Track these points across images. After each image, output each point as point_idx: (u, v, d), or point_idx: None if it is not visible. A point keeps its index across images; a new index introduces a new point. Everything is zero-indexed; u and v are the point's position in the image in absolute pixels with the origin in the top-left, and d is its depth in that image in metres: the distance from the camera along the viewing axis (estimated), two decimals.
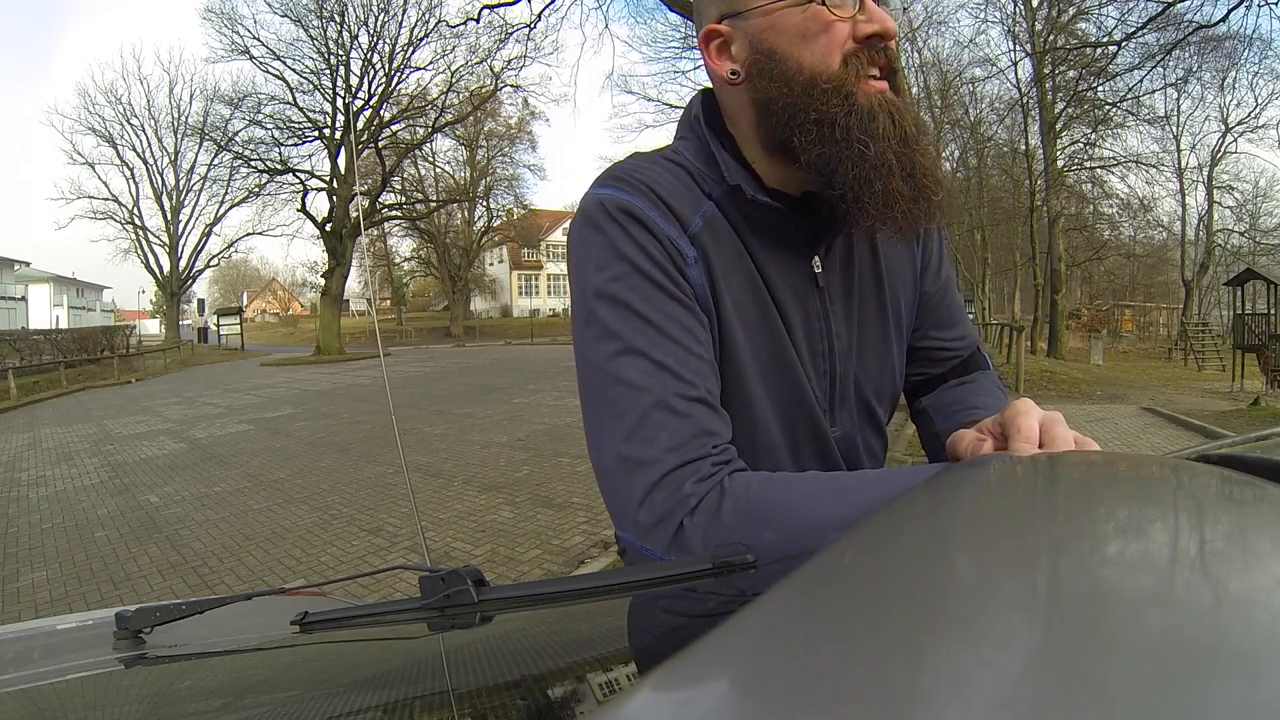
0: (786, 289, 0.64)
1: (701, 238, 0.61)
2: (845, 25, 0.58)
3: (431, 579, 0.66)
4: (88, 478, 6.92)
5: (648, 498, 0.55)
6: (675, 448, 0.55)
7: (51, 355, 21.56)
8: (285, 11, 25.06)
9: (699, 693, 0.15)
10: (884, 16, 0.58)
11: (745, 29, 0.60)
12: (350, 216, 25.31)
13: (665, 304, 0.58)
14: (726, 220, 0.62)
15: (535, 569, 3.65)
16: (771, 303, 0.63)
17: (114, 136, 30.34)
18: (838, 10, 0.57)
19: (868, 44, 0.58)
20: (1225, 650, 0.12)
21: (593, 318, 0.58)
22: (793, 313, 0.64)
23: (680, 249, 0.59)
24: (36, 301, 37.36)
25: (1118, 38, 16.16)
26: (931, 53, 24.28)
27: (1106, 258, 25.33)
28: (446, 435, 7.71)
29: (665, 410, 0.55)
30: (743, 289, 0.62)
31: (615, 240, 0.58)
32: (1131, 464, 0.35)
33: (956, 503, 0.32)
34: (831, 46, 0.58)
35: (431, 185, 34.92)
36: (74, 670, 0.70)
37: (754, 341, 0.63)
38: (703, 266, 0.60)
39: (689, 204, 0.62)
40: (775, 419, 0.64)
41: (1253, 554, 0.21)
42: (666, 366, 0.56)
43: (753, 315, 0.63)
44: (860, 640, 0.17)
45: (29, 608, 3.65)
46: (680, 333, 0.57)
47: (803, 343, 0.65)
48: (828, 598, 0.21)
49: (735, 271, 0.62)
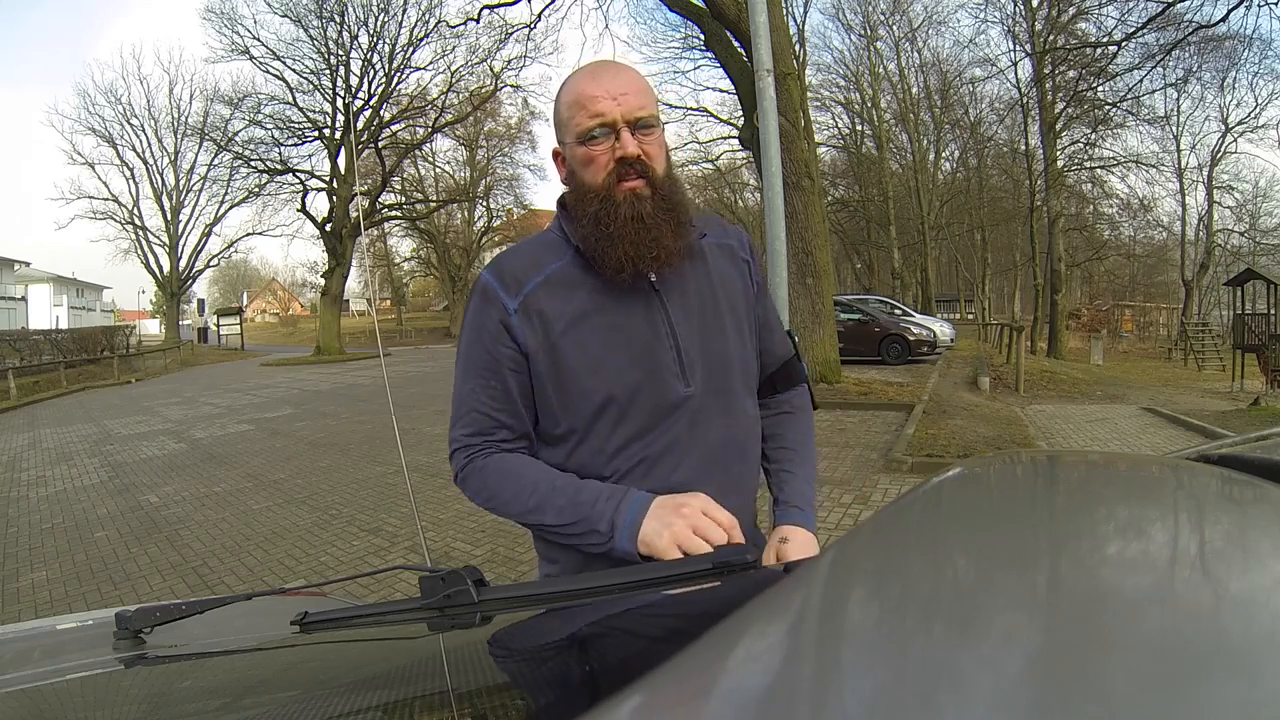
0: (631, 297, 0.93)
1: (533, 294, 0.92)
2: (604, 155, 0.90)
3: (431, 579, 0.66)
4: (88, 478, 6.92)
5: (452, 457, 0.99)
6: (464, 435, 0.98)
7: (51, 355, 21.57)
8: (285, 11, 25.08)
9: (699, 692, 0.15)
10: (630, 144, 0.89)
11: (566, 154, 0.95)
12: (350, 216, 25.31)
13: (481, 354, 0.95)
14: (577, 265, 0.94)
15: (535, 569, 3.65)
16: (616, 311, 0.92)
17: (114, 136, 30.36)
18: (596, 148, 0.90)
19: (620, 163, 0.90)
20: (1225, 649, 0.12)
21: (457, 353, 0.99)
22: (638, 312, 0.93)
23: (507, 307, 0.93)
24: (36, 301, 37.37)
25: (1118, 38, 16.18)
26: (931, 53, 24.32)
27: (1106, 258, 25.34)
28: (446, 435, 7.70)
29: (467, 414, 0.97)
30: (580, 311, 0.92)
31: (471, 307, 0.97)
32: (1131, 464, 0.35)
33: (957, 502, 0.32)
34: (597, 170, 0.91)
35: (431, 185, 34.97)
36: (74, 670, 0.70)
37: (585, 343, 0.92)
38: (525, 315, 0.92)
39: (536, 268, 0.94)
40: (619, 388, 0.91)
41: (1253, 554, 0.21)
42: (475, 392, 0.96)
43: (588, 330, 0.92)
44: (861, 639, 0.17)
45: (29, 608, 3.65)
46: (483, 373, 0.95)
47: (648, 330, 0.92)
48: (829, 596, 0.21)
49: (573, 301, 0.92)
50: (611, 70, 0.93)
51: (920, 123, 25.38)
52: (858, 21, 24.94)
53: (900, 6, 23.84)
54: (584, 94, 0.90)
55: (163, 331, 35.72)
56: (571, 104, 0.91)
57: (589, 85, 0.90)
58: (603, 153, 0.90)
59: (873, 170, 25.57)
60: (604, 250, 0.89)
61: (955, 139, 25.36)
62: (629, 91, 0.90)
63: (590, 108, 0.89)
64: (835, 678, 0.14)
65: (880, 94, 25.68)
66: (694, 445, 0.93)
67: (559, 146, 0.96)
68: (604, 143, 0.90)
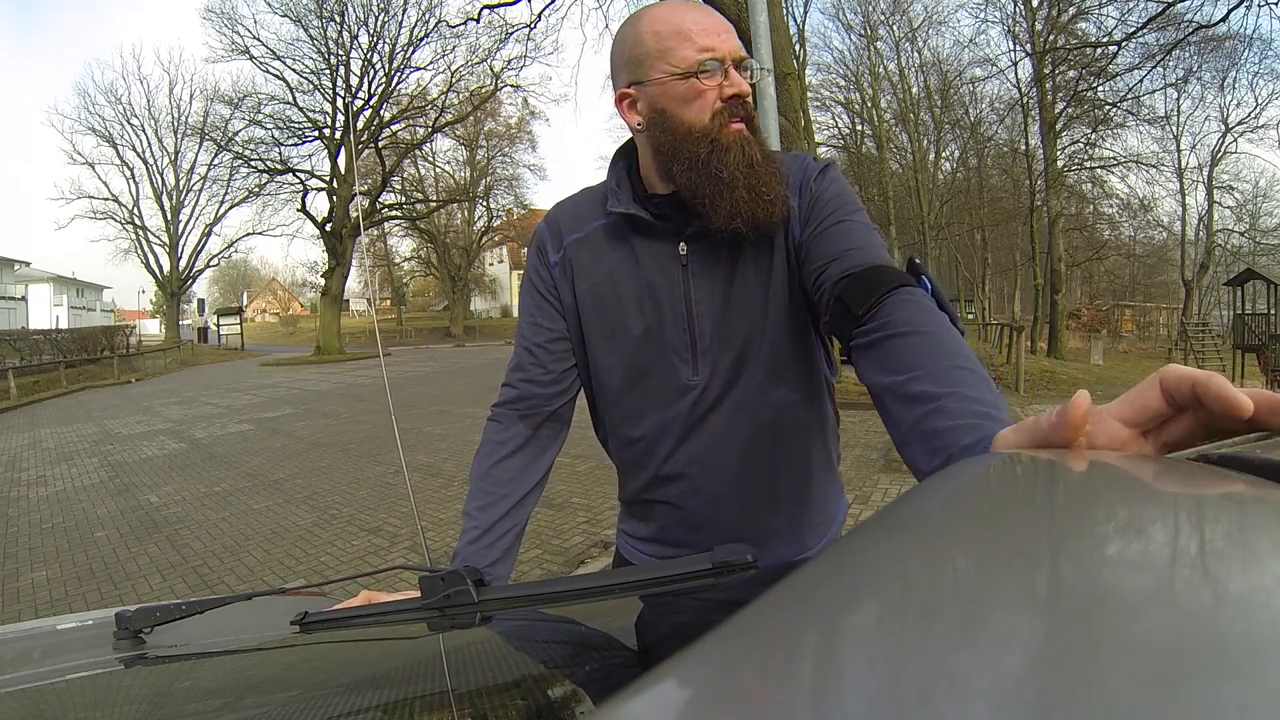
0: (656, 269, 0.88)
1: (571, 248, 0.91)
2: (713, 91, 0.81)
3: (431, 579, 0.66)
4: (88, 478, 6.92)
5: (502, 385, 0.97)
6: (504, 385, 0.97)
7: (51, 355, 21.56)
8: (285, 11, 25.07)
9: (699, 693, 0.15)
10: (741, 82, 0.82)
11: (646, 94, 0.84)
12: (350, 216, 25.29)
13: (531, 302, 0.95)
14: (614, 228, 0.89)
15: (535, 569, 3.65)
16: (638, 282, 0.88)
17: (114, 136, 30.34)
18: (708, 81, 0.81)
19: (730, 102, 0.82)
20: (1225, 651, 0.12)
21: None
22: (660, 287, 0.88)
23: (549, 258, 0.93)
24: (36, 301, 37.34)
25: (1118, 38, 16.17)
26: (931, 53, 24.30)
27: (1106, 258, 25.32)
28: (446, 435, 7.71)
29: (513, 367, 0.96)
30: (604, 277, 0.89)
31: (527, 255, 0.98)
32: (1131, 464, 0.35)
33: (957, 502, 0.32)
34: (703, 107, 0.82)
35: (431, 185, 34.91)
36: (74, 670, 0.70)
37: (603, 316, 0.90)
38: (563, 269, 0.92)
39: (579, 222, 0.92)
40: (619, 369, 0.91)
41: (1253, 554, 0.21)
42: (524, 336, 0.96)
43: (608, 297, 0.90)
44: (861, 639, 0.17)
45: (29, 608, 3.65)
46: (533, 323, 0.95)
47: (665, 309, 0.88)
48: (829, 597, 0.21)
49: (601, 265, 0.90)
50: (703, 8, 0.85)
51: (920, 123, 25.38)
52: (858, 21, 24.95)
53: (900, 6, 23.83)
54: (686, 24, 0.82)
55: (163, 331, 35.69)
56: (669, 34, 0.82)
57: (688, 17, 0.82)
58: (712, 89, 0.82)
59: (873, 170, 25.56)
60: (717, 197, 0.81)
61: (955, 139, 25.35)
62: (728, 29, 0.84)
63: (698, 40, 0.81)
64: (835, 678, 0.14)
65: (880, 94, 25.68)
66: (699, 433, 0.90)
67: (631, 89, 0.85)
68: (714, 78, 0.81)
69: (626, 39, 0.86)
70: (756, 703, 0.14)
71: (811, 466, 0.94)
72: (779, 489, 0.93)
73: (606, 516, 4.47)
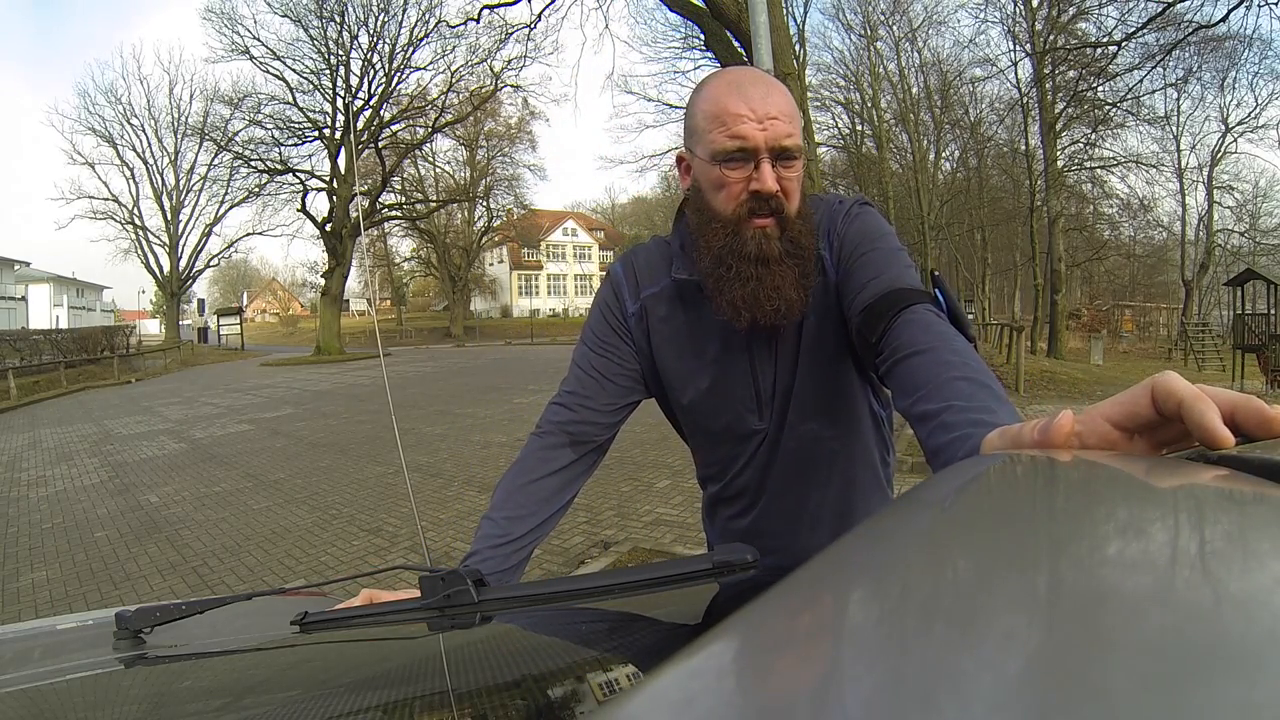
0: (720, 331, 0.90)
1: (648, 302, 0.94)
2: (740, 184, 0.81)
3: (431, 579, 0.66)
4: (88, 478, 6.92)
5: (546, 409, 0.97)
6: (551, 403, 0.97)
7: (51, 355, 21.56)
8: (285, 11, 25.06)
9: (699, 693, 0.15)
10: (768, 179, 0.80)
11: (694, 165, 0.86)
12: (350, 216, 25.29)
13: (598, 331, 0.97)
14: (682, 289, 0.91)
15: (535, 569, 3.65)
16: (705, 341, 0.92)
17: (114, 136, 30.34)
18: (732, 173, 0.81)
19: (754, 197, 0.81)
20: (1225, 650, 0.12)
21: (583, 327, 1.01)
22: (725, 348, 0.91)
23: (625, 306, 0.96)
24: (36, 301, 37.34)
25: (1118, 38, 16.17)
26: (931, 53, 24.28)
27: (1106, 258, 25.32)
28: (446, 435, 7.71)
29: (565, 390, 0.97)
30: (676, 333, 0.93)
31: (601, 291, 1.00)
32: (1131, 464, 0.35)
33: (957, 502, 0.32)
34: (729, 198, 0.82)
35: (431, 185, 34.89)
36: (74, 670, 0.70)
37: (684, 368, 0.94)
38: (639, 318, 0.95)
39: (654, 277, 0.95)
40: (708, 414, 0.96)
41: (1253, 554, 0.21)
42: (583, 361, 0.97)
43: (686, 352, 0.94)
44: (861, 640, 0.17)
45: (29, 608, 3.65)
46: (597, 347, 0.96)
47: (732, 366, 0.92)
48: (829, 597, 0.21)
49: (672, 322, 0.93)
50: (762, 86, 0.81)
51: (920, 123, 25.37)
52: (858, 21, 24.93)
53: (900, 6, 23.82)
54: (727, 108, 0.79)
55: (163, 331, 35.70)
56: (711, 116, 0.81)
57: (734, 99, 0.79)
58: (738, 181, 0.81)
59: (873, 170, 25.56)
60: (723, 290, 0.83)
61: (955, 139, 25.34)
62: (778, 116, 0.79)
63: (732, 127, 0.79)
64: (835, 678, 0.14)
65: (880, 94, 25.67)
66: (754, 465, 0.98)
67: (685, 153, 0.88)
68: (742, 169, 0.80)
69: (691, 103, 0.86)
70: (757, 702, 0.14)
71: (855, 491, 1.00)
72: (823, 513, 1.00)
73: (606, 517, 4.47)
